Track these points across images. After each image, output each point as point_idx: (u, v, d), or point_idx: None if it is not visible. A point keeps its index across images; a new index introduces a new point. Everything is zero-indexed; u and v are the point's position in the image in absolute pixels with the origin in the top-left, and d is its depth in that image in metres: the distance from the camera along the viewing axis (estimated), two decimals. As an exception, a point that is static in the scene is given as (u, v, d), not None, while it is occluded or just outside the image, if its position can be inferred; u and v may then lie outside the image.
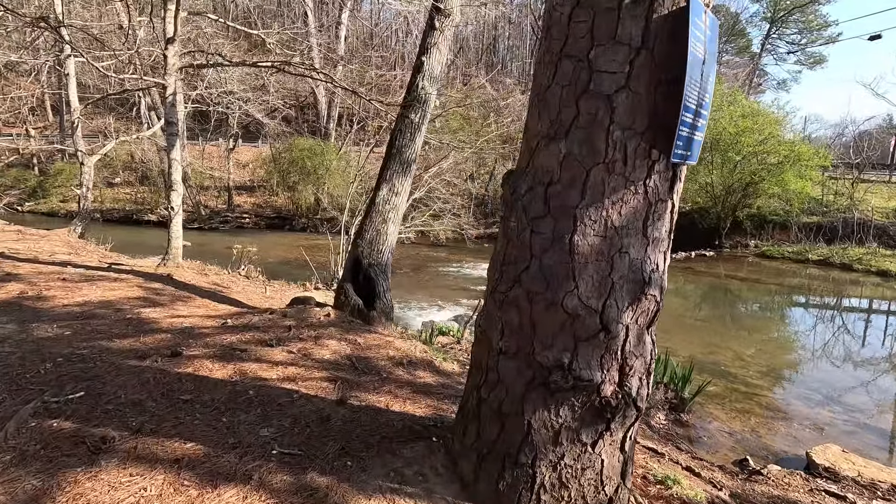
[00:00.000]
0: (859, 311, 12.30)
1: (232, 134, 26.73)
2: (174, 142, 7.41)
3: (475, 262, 16.03)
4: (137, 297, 5.50)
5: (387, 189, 5.29)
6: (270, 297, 7.06)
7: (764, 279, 14.61)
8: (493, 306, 2.20)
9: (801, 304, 12.57)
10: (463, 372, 4.25)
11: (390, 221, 5.28)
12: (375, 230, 5.20)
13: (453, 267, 15.27)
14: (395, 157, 5.35)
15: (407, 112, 5.42)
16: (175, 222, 7.53)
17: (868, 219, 17.99)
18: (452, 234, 19.23)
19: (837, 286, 14.18)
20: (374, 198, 5.30)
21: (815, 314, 11.66)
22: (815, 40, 51.36)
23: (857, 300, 13.37)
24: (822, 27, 51.46)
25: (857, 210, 18.51)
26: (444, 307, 10.28)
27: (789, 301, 12.82)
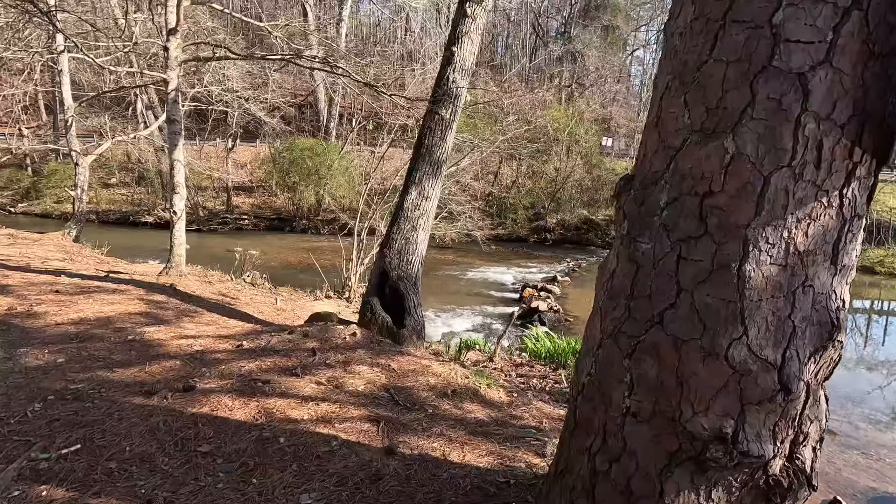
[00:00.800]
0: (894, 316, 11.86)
1: (231, 133, 26.14)
2: (176, 141, 6.88)
3: (485, 264, 15.56)
4: (139, 313, 4.97)
5: (416, 193, 4.79)
6: (282, 308, 6.55)
7: None
8: (616, 353, 1.70)
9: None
10: (511, 402, 3.76)
11: (420, 229, 4.78)
12: (404, 239, 4.69)
13: (463, 270, 14.78)
14: (424, 158, 4.85)
15: (437, 108, 4.91)
16: (178, 228, 7.00)
17: (885, 220, 17.58)
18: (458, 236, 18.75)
19: (861, 290, 13.78)
20: (402, 202, 4.80)
21: (849, 323, 11.25)
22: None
23: (889, 303, 12.95)
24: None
25: (873, 211, 18.11)
26: (460, 314, 9.78)
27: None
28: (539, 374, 4.96)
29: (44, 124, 35.47)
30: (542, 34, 47.21)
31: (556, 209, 22.15)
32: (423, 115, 5.10)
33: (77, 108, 13.79)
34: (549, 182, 22.60)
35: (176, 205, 6.99)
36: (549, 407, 3.92)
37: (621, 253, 1.74)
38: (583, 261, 16.63)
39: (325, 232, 24.74)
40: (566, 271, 14.64)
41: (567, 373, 5.03)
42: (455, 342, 6.34)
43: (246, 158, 32.19)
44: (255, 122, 28.98)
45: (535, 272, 14.84)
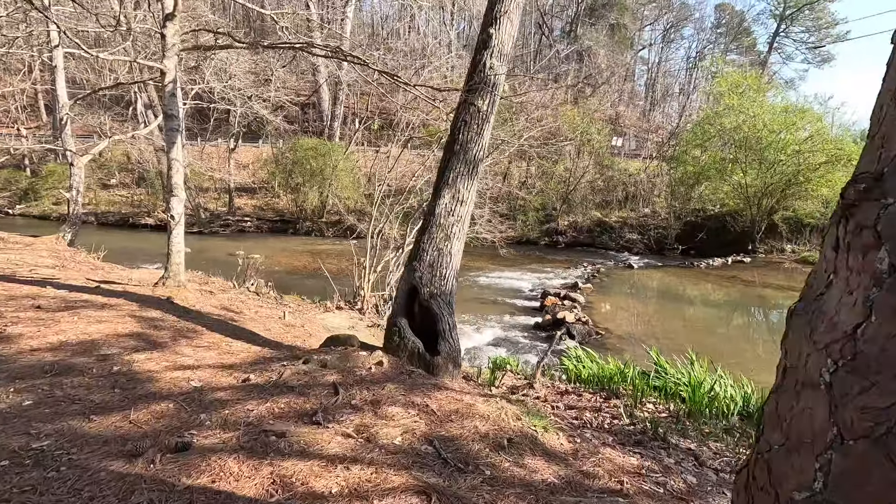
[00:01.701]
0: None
1: (233, 133, 25.53)
2: (174, 138, 6.24)
3: (497, 269, 14.89)
4: (129, 334, 4.32)
5: (449, 196, 4.13)
6: (291, 324, 5.89)
7: None
8: (881, 464, 1.04)
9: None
10: (576, 450, 3.10)
11: (455, 238, 4.12)
12: (436, 250, 4.04)
13: (475, 275, 14.13)
14: (458, 156, 4.19)
15: (472, 99, 4.26)
16: (176, 233, 6.35)
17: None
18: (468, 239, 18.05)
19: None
20: (434, 208, 4.14)
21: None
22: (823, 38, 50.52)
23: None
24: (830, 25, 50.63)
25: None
26: (479, 326, 9.12)
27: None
28: (591, 406, 4.30)
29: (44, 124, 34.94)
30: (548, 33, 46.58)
31: (568, 211, 21.49)
32: (456, 107, 4.44)
33: (73, 105, 13.18)
34: (559, 183, 21.93)
35: (174, 208, 6.34)
36: (618, 454, 3.26)
37: (880, 302, 1.08)
38: (600, 265, 15.95)
39: (329, 234, 24.10)
40: (586, 277, 13.95)
41: (621, 402, 4.37)
42: (484, 362, 5.69)
43: (248, 159, 31.58)
44: (258, 122, 28.39)
45: (552, 277, 14.18)
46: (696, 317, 10.44)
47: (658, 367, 5.19)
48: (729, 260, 16.27)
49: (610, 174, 23.24)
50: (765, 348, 8.57)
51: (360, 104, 37.52)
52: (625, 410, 4.11)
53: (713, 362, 5.10)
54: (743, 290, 12.95)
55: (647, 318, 10.00)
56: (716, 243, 18.41)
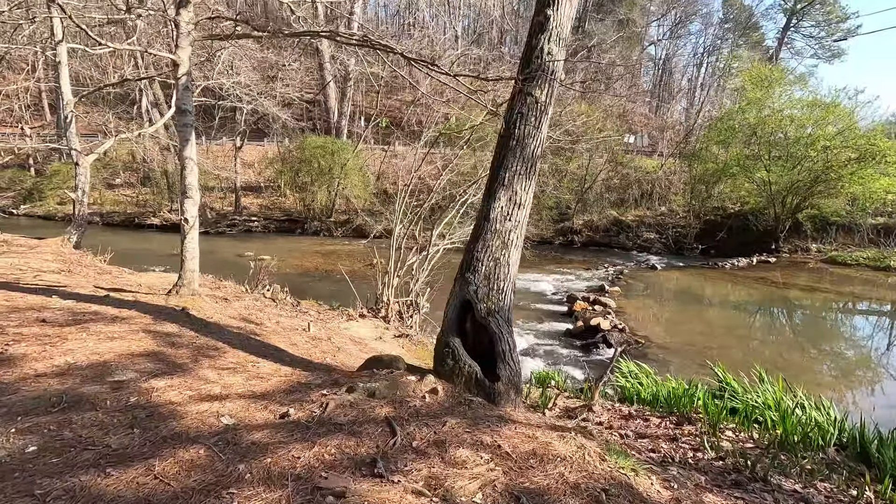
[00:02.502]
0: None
1: (240, 131, 25.09)
2: (188, 135, 5.78)
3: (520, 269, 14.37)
4: (145, 353, 3.87)
5: (505, 198, 3.65)
6: (317, 337, 5.43)
7: (860, 292, 12.84)
8: None
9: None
10: (677, 499, 2.63)
11: (512, 246, 3.64)
12: (492, 259, 3.56)
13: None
14: (514, 153, 3.71)
15: (529, 88, 3.78)
16: (190, 238, 5.90)
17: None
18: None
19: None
20: (487, 212, 3.67)
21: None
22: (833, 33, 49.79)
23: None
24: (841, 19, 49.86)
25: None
26: (506, 333, 8.62)
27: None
28: (663, 434, 3.82)
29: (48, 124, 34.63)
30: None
31: (583, 210, 20.96)
32: (510, 98, 3.96)
33: (77, 102, 12.75)
34: (573, 181, 21.41)
35: (188, 211, 5.89)
36: (721, 501, 2.78)
37: None
38: (622, 266, 15.43)
39: (338, 234, 23.64)
40: (610, 279, 13.43)
41: (696, 430, 3.89)
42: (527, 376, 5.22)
43: (253, 158, 31.17)
44: (264, 120, 27.96)
45: (574, 279, 13.67)
46: (736, 322, 9.91)
47: (725, 385, 4.70)
48: (754, 260, 15.72)
49: (624, 172, 22.69)
50: (817, 357, 8.06)
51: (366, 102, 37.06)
52: (707, 439, 3.63)
53: (787, 380, 4.60)
54: (776, 292, 12.40)
55: (684, 324, 9.47)
56: (736, 243, 17.87)
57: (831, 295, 12.47)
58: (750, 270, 14.51)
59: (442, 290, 8.60)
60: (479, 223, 3.71)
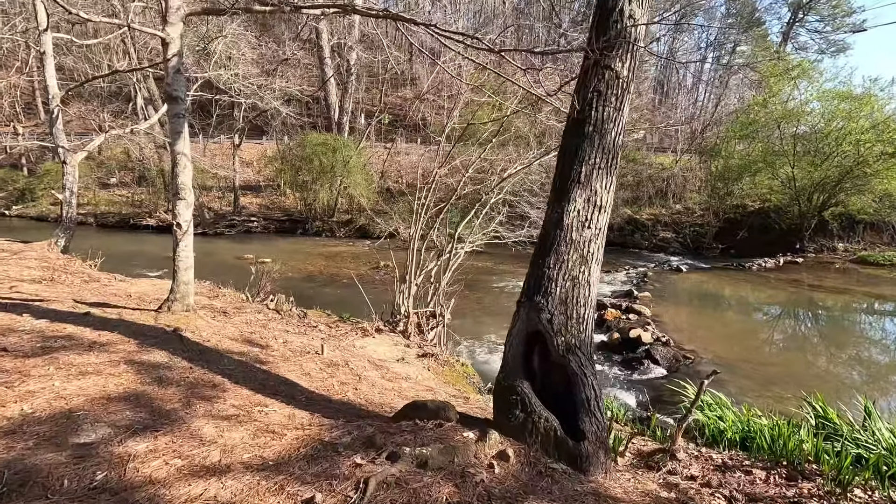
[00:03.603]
0: None
1: (238, 129, 24.25)
2: (180, 126, 4.98)
3: (530, 273, 13.55)
4: (124, 397, 3.08)
5: (582, 199, 2.86)
6: (332, 362, 4.63)
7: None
8: None
9: None
10: None
11: (593, 260, 2.86)
12: (570, 278, 2.77)
13: (505, 280, 12.85)
14: (591, 141, 2.93)
15: (608, 60, 3.00)
16: (183, 245, 5.10)
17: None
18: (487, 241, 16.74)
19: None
20: (559, 217, 2.87)
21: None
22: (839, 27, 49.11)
23: None
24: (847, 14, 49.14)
25: None
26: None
27: None
28: (779, 496, 3.03)
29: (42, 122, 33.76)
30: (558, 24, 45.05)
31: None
32: (581, 73, 3.16)
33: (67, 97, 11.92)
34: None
35: (181, 214, 5.09)
36: None
37: None
38: (644, 269, 14.63)
39: (341, 234, 22.81)
40: (634, 283, 12.65)
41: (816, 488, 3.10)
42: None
43: (252, 156, 30.30)
44: (263, 117, 27.10)
45: (594, 283, 12.87)
46: (787, 333, 9.06)
47: (825, 421, 3.92)
48: (780, 261, 14.94)
49: (637, 168, 21.91)
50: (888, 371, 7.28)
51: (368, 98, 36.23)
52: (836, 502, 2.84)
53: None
54: (815, 296, 11.62)
55: (732, 336, 8.62)
56: (758, 242, 17.11)
57: (875, 299, 11.72)
58: (779, 272, 13.73)
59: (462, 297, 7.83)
60: (547, 232, 2.92)
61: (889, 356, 8.28)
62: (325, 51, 28.09)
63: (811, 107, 15.46)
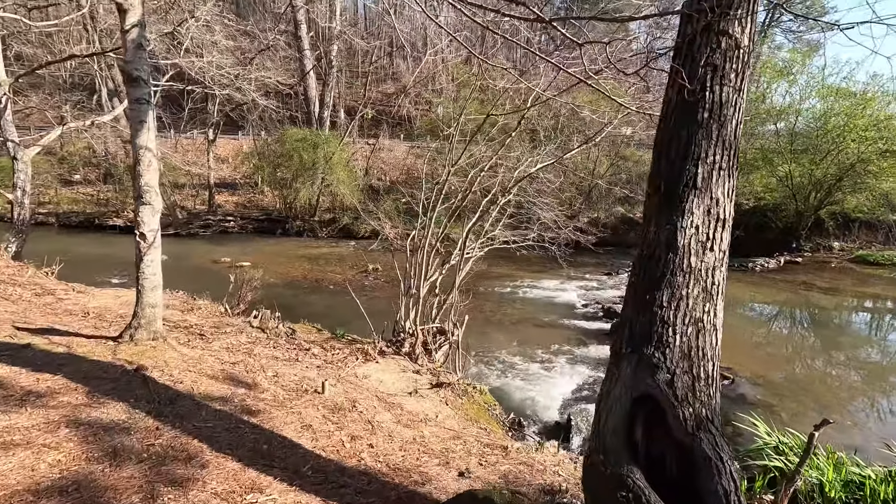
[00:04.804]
0: None
1: (212, 123, 22.90)
2: (143, 115, 4.04)
3: (529, 276, 12.87)
4: (59, 486, 2.20)
5: (701, 211, 2.10)
6: (338, 406, 3.77)
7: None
8: None
9: None
10: None
11: (718, 295, 2.10)
12: (692, 321, 2.01)
13: (509, 286, 12.10)
14: (709, 130, 2.18)
15: (725, 25, 2.25)
16: (149, 260, 4.16)
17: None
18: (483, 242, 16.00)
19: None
20: (671, 237, 2.10)
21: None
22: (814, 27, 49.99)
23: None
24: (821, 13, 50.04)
25: None
26: (552, 364, 7.09)
27: None
28: None
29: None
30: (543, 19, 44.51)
31: (588, 207, 19.64)
32: (684, 43, 2.38)
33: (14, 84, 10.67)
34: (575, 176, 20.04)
35: (145, 222, 4.15)
36: None
37: None
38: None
39: (323, 234, 21.73)
40: (641, 286, 12.08)
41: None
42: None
43: (227, 152, 28.82)
44: (239, 111, 25.72)
45: (597, 286, 12.26)
46: (821, 344, 8.43)
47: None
48: (781, 261, 14.63)
49: (627, 165, 21.45)
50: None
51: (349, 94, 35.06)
52: None
53: None
54: (833, 300, 11.20)
55: (763, 348, 7.92)
56: (754, 241, 16.78)
57: (884, 299, 11.44)
58: (784, 273, 13.39)
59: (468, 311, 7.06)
60: (652, 255, 2.14)
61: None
62: (305, 42, 26.84)
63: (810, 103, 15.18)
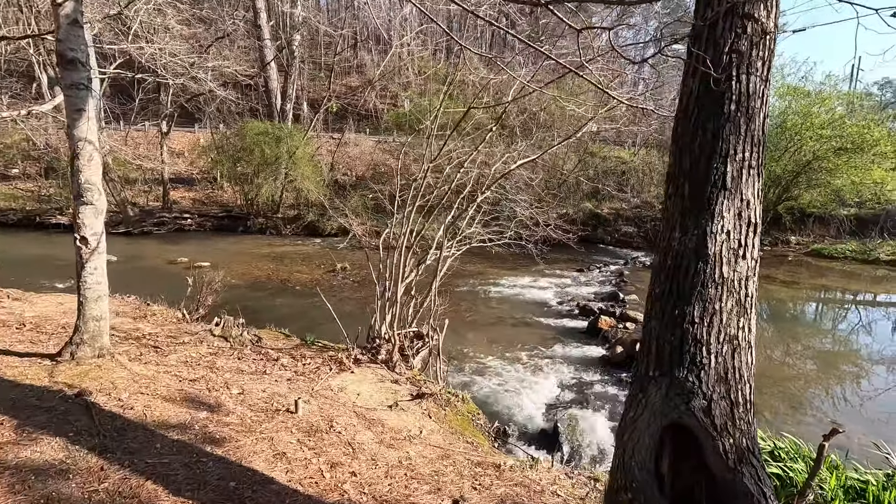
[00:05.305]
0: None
1: (165, 114, 21.63)
2: (82, 103, 3.54)
3: (502, 274, 12.68)
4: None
5: (731, 214, 1.88)
6: (313, 426, 3.40)
7: (868, 286, 12.56)
8: None
9: None
10: None
11: (752, 308, 1.89)
12: (727, 339, 1.79)
13: (482, 284, 11.88)
14: (736, 126, 1.96)
15: (749, 6, 2.04)
16: (91, 268, 3.67)
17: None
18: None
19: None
20: (700, 244, 1.88)
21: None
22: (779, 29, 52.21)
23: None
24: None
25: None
26: (533, 365, 6.90)
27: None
28: None
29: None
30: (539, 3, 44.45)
31: (557, 203, 19.74)
32: (705, 26, 2.15)
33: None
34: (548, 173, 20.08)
35: (87, 225, 3.64)
36: None
37: None
38: (618, 267, 14.20)
39: (288, 232, 20.94)
40: (614, 282, 12.11)
41: None
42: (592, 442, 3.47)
43: (182, 146, 27.41)
44: (195, 102, 24.43)
45: (571, 283, 12.21)
46: (791, 339, 8.64)
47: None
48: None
49: (595, 161, 21.71)
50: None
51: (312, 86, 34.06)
52: None
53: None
54: (798, 293, 11.58)
55: None
56: (716, 235, 17.23)
57: (851, 295, 11.94)
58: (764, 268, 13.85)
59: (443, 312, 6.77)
60: (679, 265, 1.91)
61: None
62: (265, 31, 25.74)
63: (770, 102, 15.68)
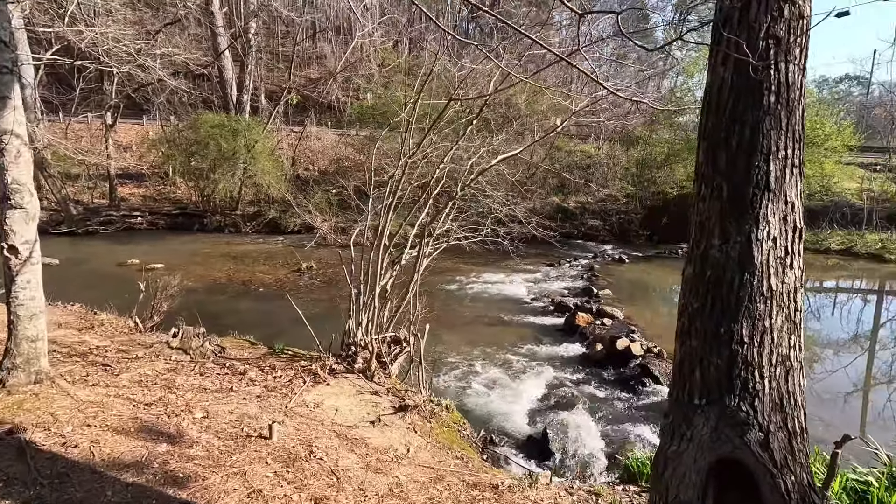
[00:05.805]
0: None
1: (109, 105, 20.20)
2: (5, 89, 3.01)
3: (471, 270, 12.46)
4: None
5: (777, 218, 1.68)
6: (291, 453, 3.04)
7: (820, 274, 13.22)
8: None
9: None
10: None
11: (800, 323, 1.69)
12: (780, 360, 1.59)
13: (455, 281, 11.62)
14: (777, 119, 1.77)
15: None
16: (23, 283, 3.16)
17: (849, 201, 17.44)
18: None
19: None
20: (744, 254, 1.67)
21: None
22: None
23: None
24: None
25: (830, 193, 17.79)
26: (512, 364, 6.70)
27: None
28: None
29: None
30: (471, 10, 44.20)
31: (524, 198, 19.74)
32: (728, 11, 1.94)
33: None
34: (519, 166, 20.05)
35: (16, 231, 3.13)
36: None
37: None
38: (588, 260, 14.23)
39: (248, 230, 20.01)
40: (585, 276, 12.11)
41: None
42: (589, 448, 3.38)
43: (129, 139, 25.72)
44: (143, 92, 22.91)
45: (543, 278, 12.14)
46: None
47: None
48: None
49: (562, 155, 21.82)
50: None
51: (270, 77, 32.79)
52: None
53: None
54: None
55: None
56: (679, 228, 17.68)
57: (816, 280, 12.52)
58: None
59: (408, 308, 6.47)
60: (722, 277, 1.69)
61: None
62: (218, 18, 24.40)
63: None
